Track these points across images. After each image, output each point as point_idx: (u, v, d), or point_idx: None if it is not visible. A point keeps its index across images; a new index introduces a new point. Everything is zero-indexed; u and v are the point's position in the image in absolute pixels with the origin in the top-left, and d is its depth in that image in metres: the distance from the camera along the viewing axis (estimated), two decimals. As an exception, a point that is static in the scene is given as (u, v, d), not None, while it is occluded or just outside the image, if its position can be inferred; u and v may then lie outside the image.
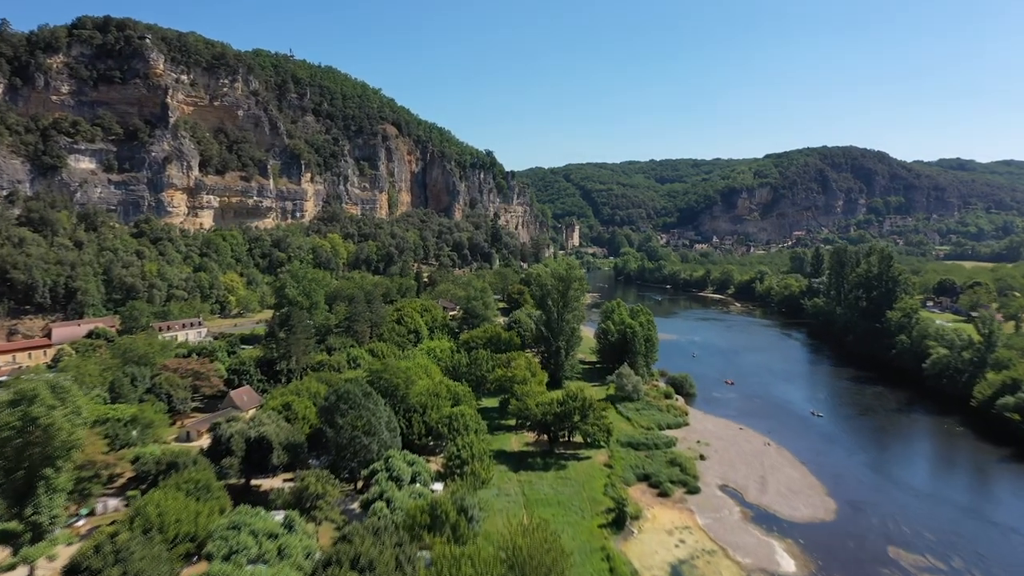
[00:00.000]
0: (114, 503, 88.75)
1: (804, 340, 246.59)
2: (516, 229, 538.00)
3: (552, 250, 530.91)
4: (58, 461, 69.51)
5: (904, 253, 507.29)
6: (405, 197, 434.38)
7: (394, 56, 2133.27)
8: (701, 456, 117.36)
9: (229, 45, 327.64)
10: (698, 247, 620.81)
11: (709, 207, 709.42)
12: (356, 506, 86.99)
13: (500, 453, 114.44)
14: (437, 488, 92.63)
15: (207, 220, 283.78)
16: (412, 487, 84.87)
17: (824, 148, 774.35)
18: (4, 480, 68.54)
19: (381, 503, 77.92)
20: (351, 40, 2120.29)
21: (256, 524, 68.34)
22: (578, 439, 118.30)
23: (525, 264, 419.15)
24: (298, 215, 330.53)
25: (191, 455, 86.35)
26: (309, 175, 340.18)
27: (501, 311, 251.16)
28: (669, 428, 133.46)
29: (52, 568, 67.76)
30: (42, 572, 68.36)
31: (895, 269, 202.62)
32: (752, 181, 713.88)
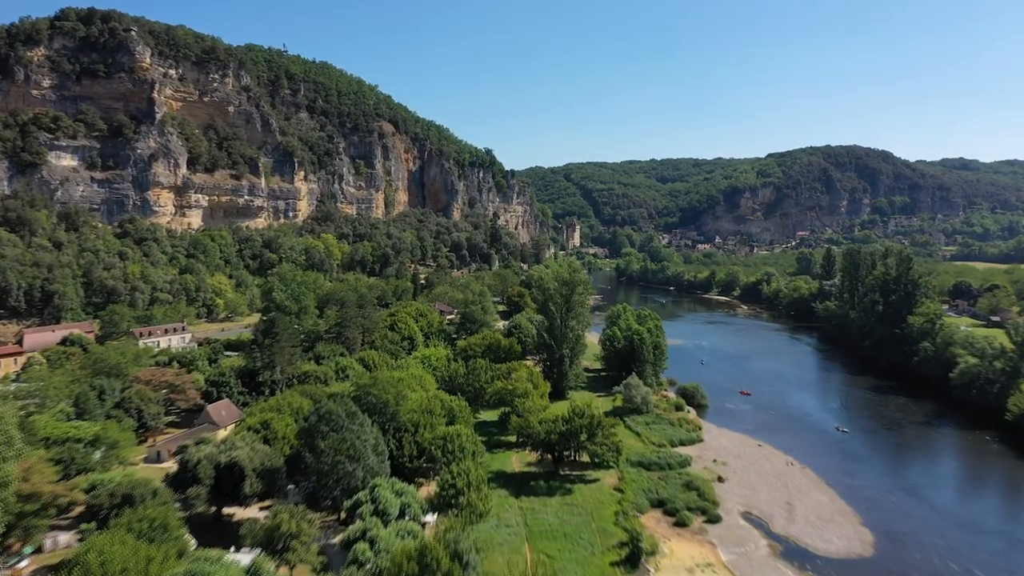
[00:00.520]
0: (65, 538, 78.69)
1: (816, 345, 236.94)
2: (516, 229, 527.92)
3: (552, 250, 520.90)
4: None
5: (911, 254, 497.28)
6: (402, 196, 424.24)
7: (391, 52, 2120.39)
8: (719, 478, 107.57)
9: (220, 39, 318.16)
10: (701, 247, 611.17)
11: (712, 207, 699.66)
12: (337, 541, 77.37)
13: (499, 475, 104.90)
14: (429, 520, 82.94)
15: (195, 220, 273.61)
16: (400, 523, 75.03)
17: (827, 147, 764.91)
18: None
19: (364, 544, 68.08)
20: (347, 36, 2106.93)
21: (217, 575, 58.63)
22: (585, 458, 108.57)
23: (525, 265, 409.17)
24: (291, 215, 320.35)
25: (150, 486, 76.39)
26: (302, 173, 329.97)
27: (500, 314, 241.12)
28: (682, 445, 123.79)
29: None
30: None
31: (915, 272, 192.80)
32: (755, 180, 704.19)
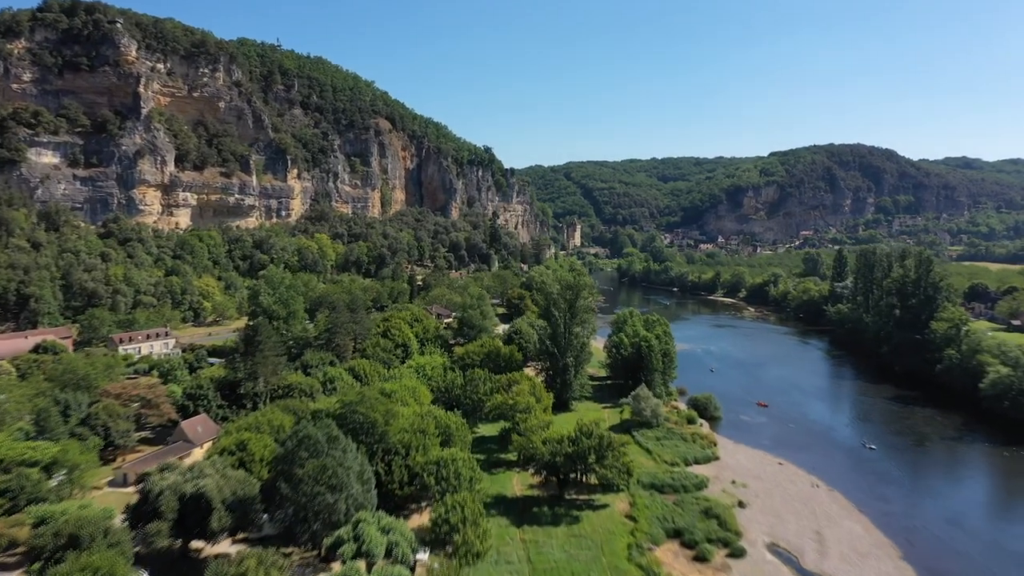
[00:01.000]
0: (8, 581, 69.44)
1: (828, 350, 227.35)
2: (516, 229, 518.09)
3: (553, 250, 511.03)
4: None
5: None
6: (399, 195, 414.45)
7: (388, 48, 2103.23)
8: (740, 503, 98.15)
9: (211, 33, 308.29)
10: (703, 247, 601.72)
11: (714, 206, 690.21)
12: (316, 585, 68.03)
13: (499, 500, 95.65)
14: (422, 559, 73.68)
15: (184, 219, 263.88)
16: (387, 567, 65.67)
17: (831, 145, 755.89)
18: None
19: (343, 596, 58.74)
20: (343, 30, 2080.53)
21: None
22: (592, 479, 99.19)
23: (525, 266, 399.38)
24: (283, 214, 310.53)
25: (100, 525, 66.82)
26: (296, 171, 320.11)
27: (500, 317, 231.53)
28: (697, 463, 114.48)
29: None
30: None
31: (935, 274, 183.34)
32: (758, 179, 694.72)
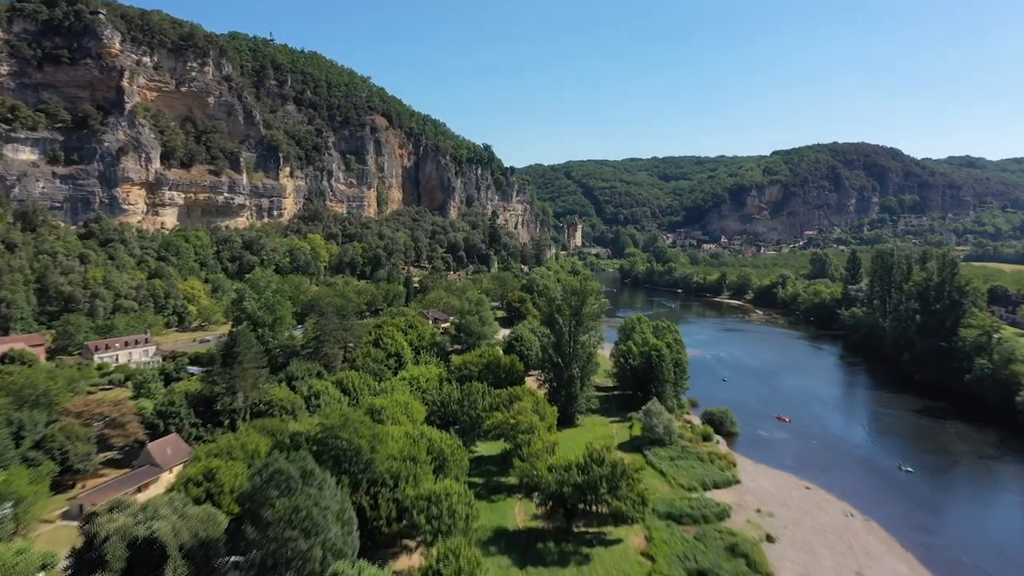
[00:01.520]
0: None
1: (843, 356, 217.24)
2: (516, 229, 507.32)
3: (554, 251, 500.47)
4: None
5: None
6: (396, 194, 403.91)
7: (384, 43, 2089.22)
8: (768, 536, 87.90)
9: (200, 26, 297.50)
10: (706, 247, 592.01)
11: (717, 205, 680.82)
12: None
13: (499, 533, 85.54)
14: (409, 614, 63.44)
15: (170, 219, 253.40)
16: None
17: (835, 144, 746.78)
18: None
19: None
20: (338, 25, 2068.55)
21: None
22: (603, 509, 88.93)
23: (526, 267, 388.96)
24: (275, 213, 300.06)
25: (28, 581, 56.60)
26: (288, 169, 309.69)
27: (500, 321, 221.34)
28: (716, 487, 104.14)
29: None
30: None
31: (960, 278, 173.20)
32: (761, 178, 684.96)
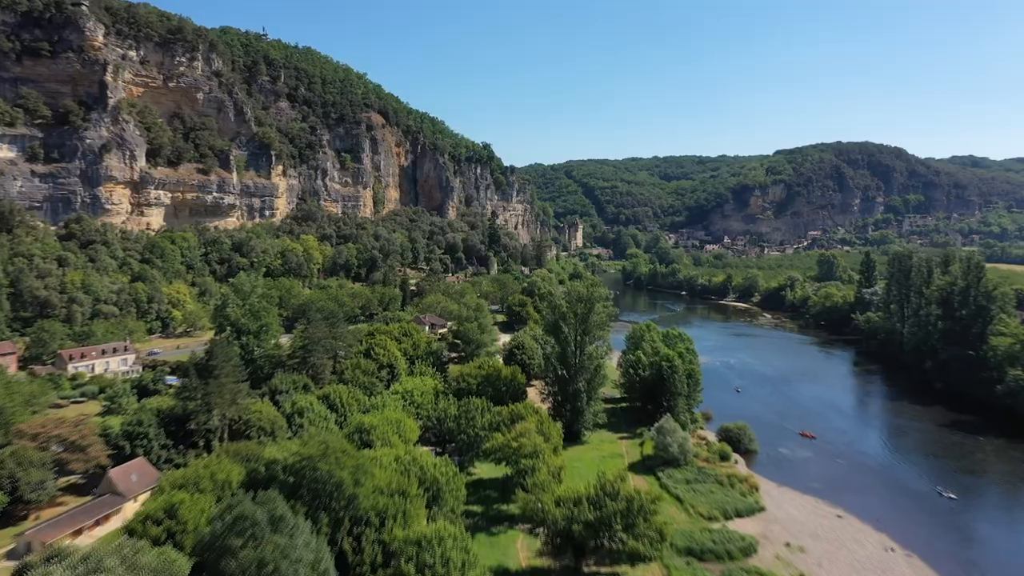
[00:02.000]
0: None
1: (857, 363, 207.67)
2: (516, 229, 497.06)
3: (555, 252, 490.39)
4: None
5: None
6: (392, 194, 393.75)
7: (380, 39, 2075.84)
8: (802, 576, 78.35)
9: (189, 19, 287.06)
10: (709, 248, 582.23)
11: (720, 205, 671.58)
12: None
13: (501, 573, 75.91)
14: None
15: (156, 219, 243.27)
16: None
17: (839, 144, 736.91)
18: None
19: None
20: (333, 19, 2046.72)
21: None
22: (616, 545, 79.14)
23: (526, 268, 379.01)
24: (267, 214, 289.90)
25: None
26: (281, 168, 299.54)
27: (500, 326, 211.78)
28: (739, 516, 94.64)
29: None
30: None
31: (987, 282, 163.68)
32: (764, 178, 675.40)
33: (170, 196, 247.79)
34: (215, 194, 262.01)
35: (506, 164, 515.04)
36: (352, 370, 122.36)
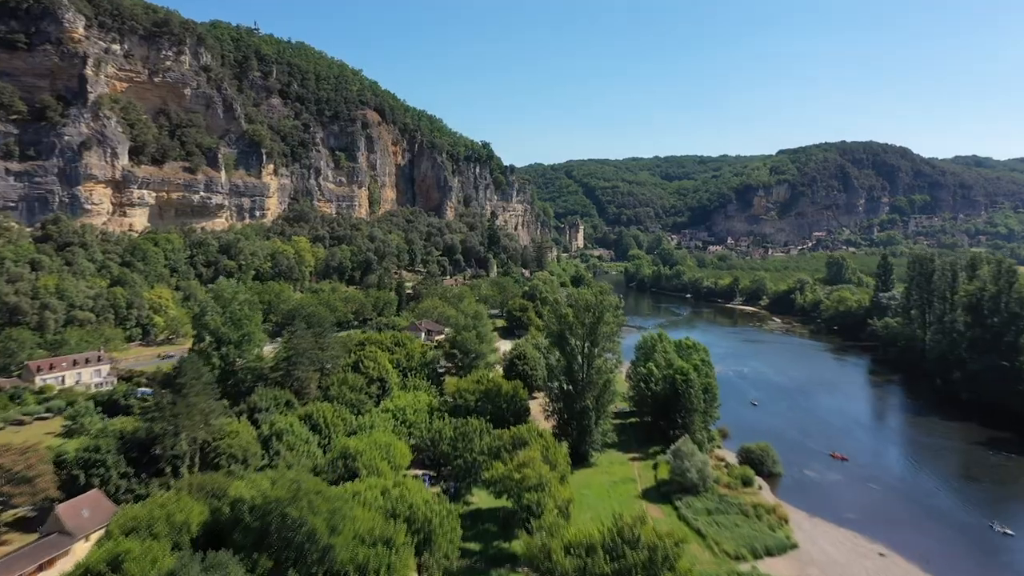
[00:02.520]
0: None
1: (875, 371, 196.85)
2: (515, 230, 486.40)
3: (555, 253, 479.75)
4: None
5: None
6: (389, 194, 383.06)
7: (376, 35, 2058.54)
8: (849, 634, 67.73)
9: (176, 12, 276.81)
10: (712, 249, 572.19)
11: (723, 206, 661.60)
12: None
13: (502, 629, 65.30)
14: None
15: (140, 220, 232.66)
16: None
17: (843, 143, 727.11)
18: None
19: None
20: (327, 14, 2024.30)
21: None
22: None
23: (527, 271, 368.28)
24: (257, 214, 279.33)
25: None
26: (272, 167, 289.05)
27: (499, 332, 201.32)
28: (769, 554, 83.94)
29: None
30: None
31: (1021, 287, 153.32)
32: (768, 178, 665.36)
33: (155, 196, 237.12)
34: (202, 194, 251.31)
35: (506, 164, 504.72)
36: (339, 386, 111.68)
